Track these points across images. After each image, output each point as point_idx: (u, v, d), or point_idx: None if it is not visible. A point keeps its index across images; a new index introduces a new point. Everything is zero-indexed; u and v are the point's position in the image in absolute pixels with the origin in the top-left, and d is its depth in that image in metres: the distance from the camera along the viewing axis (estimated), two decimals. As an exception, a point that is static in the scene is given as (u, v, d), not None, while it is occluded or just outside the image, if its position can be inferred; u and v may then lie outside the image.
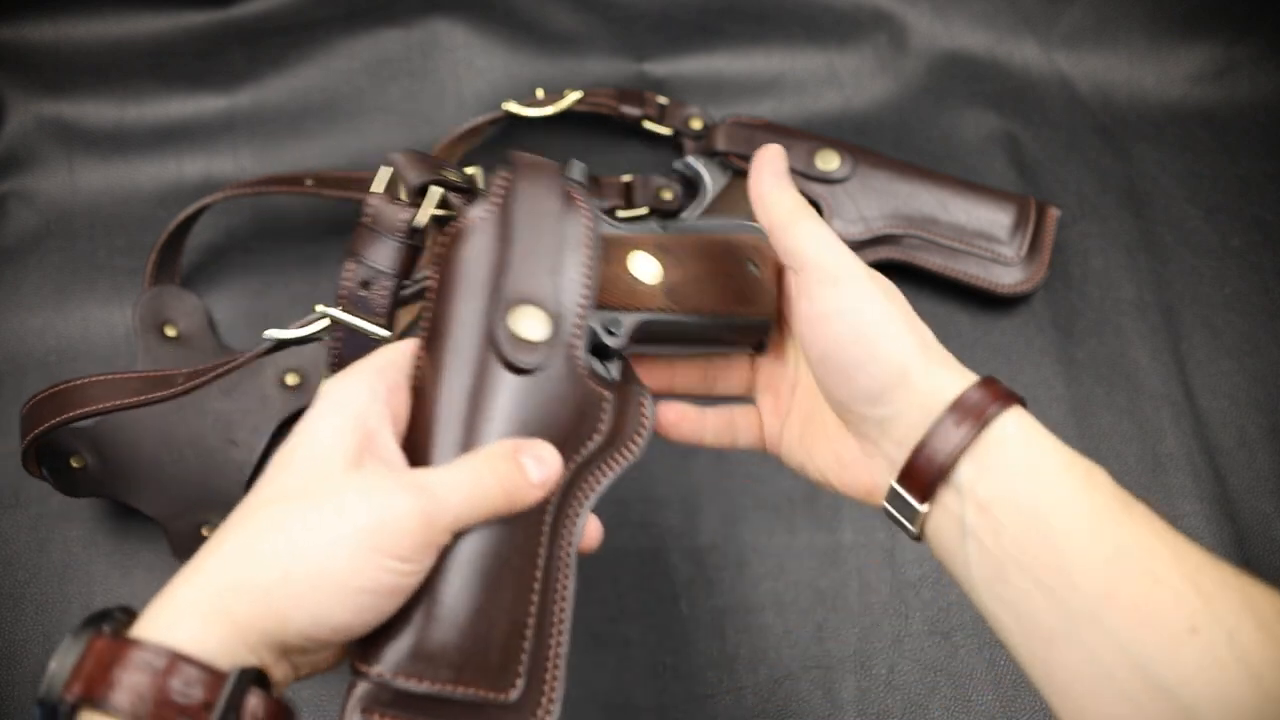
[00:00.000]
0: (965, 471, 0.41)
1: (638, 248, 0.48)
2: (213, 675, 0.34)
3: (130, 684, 0.34)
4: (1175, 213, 0.85)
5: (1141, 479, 0.74)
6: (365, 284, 0.50)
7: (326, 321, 0.52)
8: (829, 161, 0.80)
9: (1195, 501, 0.73)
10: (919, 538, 0.44)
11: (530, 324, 0.44)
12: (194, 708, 0.34)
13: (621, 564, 0.70)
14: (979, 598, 0.42)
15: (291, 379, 0.74)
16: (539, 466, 0.42)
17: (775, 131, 0.83)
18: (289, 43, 0.89)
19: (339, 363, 0.50)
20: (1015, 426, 0.41)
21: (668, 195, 0.84)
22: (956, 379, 0.43)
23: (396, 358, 0.44)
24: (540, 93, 0.86)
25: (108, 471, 0.65)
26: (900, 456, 0.43)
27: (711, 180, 0.82)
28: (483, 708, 0.40)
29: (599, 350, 0.47)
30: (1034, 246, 0.79)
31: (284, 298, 0.80)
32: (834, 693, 0.66)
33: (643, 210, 0.84)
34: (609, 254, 0.47)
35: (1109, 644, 0.37)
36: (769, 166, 0.46)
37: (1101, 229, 0.84)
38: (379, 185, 0.50)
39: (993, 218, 0.80)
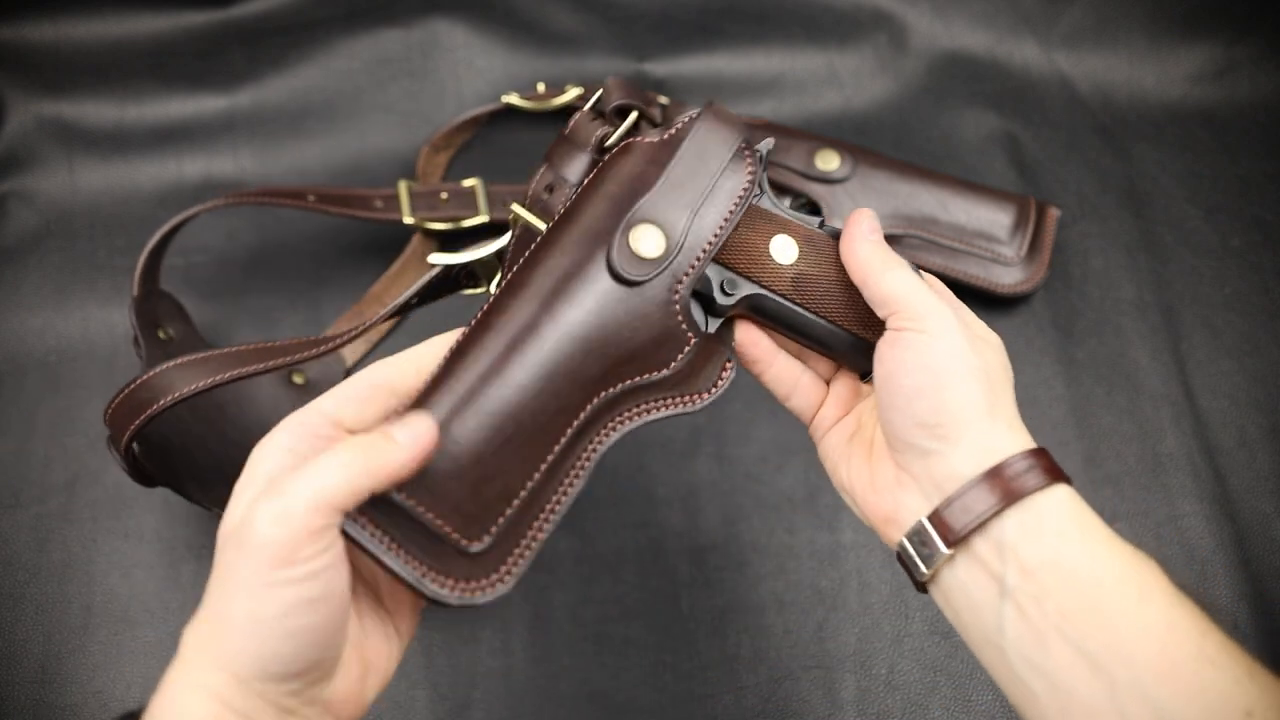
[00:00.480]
0: (1010, 530, 0.41)
1: (787, 231, 0.50)
2: None
3: None
4: (1175, 213, 0.85)
5: (1141, 479, 0.74)
6: (549, 188, 0.52)
7: (500, 244, 0.54)
8: (829, 161, 0.80)
9: (1195, 501, 0.73)
10: (924, 585, 0.44)
11: (648, 243, 0.47)
12: None
13: (621, 564, 0.70)
14: (1006, 662, 0.40)
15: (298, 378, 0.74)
16: (406, 430, 0.40)
17: (775, 131, 0.83)
18: (289, 43, 0.89)
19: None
20: (1066, 499, 0.41)
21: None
22: (1015, 441, 0.43)
23: (311, 417, 0.42)
24: (541, 86, 0.86)
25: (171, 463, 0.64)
26: (936, 497, 0.43)
27: (711, 180, 0.82)
28: (443, 546, 0.41)
29: (708, 302, 0.49)
30: (1034, 246, 0.79)
31: (284, 297, 0.80)
32: (834, 693, 0.66)
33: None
34: (756, 224, 0.50)
35: None
36: (863, 224, 0.48)
37: (1101, 229, 0.84)
38: (589, 103, 0.53)
39: (993, 218, 0.80)
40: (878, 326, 0.48)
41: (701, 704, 0.66)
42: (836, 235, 0.50)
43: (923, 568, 0.43)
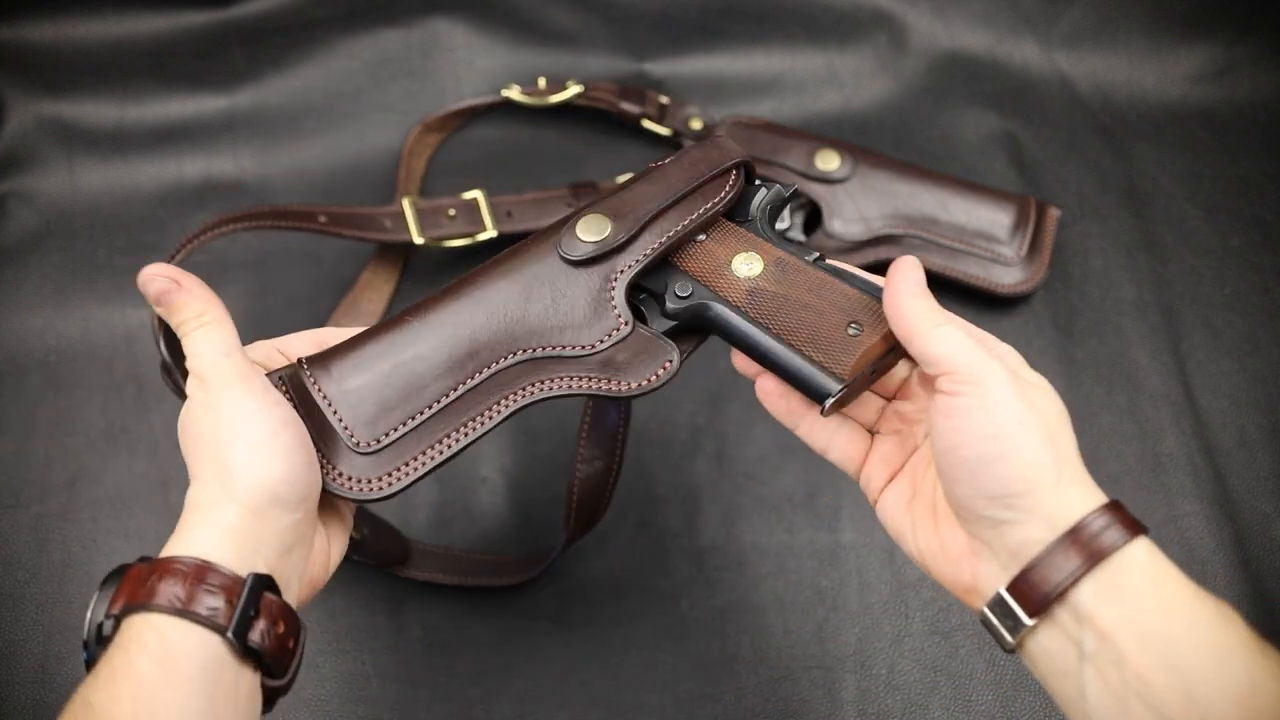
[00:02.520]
0: (1086, 595, 0.40)
1: (757, 251, 0.51)
2: (234, 578, 0.42)
3: (169, 588, 0.40)
4: (1175, 213, 0.85)
5: (1141, 479, 0.74)
6: None
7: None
8: (829, 161, 0.80)
9: (1195, 501, 0.73)
10: (1014, 650, 0.43)
11: (591, 229, 0.51)
12: (220, 605, 0.41)
13: (621, 564, 0.70)
14: None
15: None
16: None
17: (775, 131, 0.83)
18: (289, 43, 0.89)
19: None
20: (1144, 555, 0.40)
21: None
22: (1087, 498, 0.41)
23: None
24: (542, 81, 0.86)
25: None
26: (1014, 566, 0.42)
27: (711, 180, 0.82)
28: (336, 439, 0.48)
29: (661, 302, 0.52)
30: (1034, 246, 0.79)
31: (284, 297, 0.80)
32: (834, 693, 0.66)
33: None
34: (725, 239, 0.52)
35: None
36: (908, 276, 0.46)
37: (1101, 229, 0.84)
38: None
39: (993, 218, 0.80)
40: (832, 346, 0.47)
41: (701, 704, 0.66)
42: (836, 272, 0.50)
43: (1008, 637, 0.42)
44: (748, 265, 0.51)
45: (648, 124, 0.86)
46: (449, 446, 0.49)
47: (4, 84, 0.86)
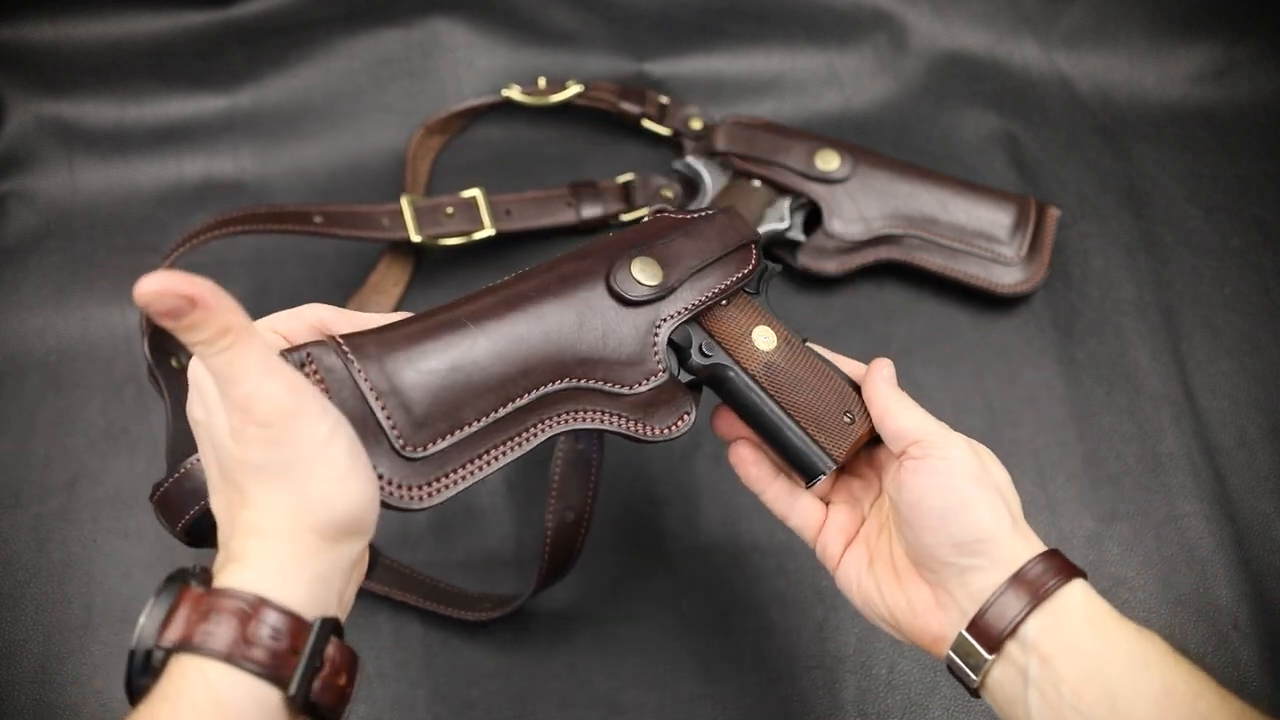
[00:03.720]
0: (1031, 627, 0.45)
1: (771, 326, 0.55)
2: (298, 623, 0.38)
3: (223, 630, 0.36)
4: (1175, 213, 0.85)
5: (1141, 479, 0.74)
6: None
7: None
8: (829, 161, 0.80)
9: (1195, 501, 0.73)
10: (977, 691, 0.48)
11: (646, 272, 0.52)
12: (283, 652, 0.37)
13: (622, 564, 0.70)
14: None
15: None
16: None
17: (775, 132, 0.83)
18: (289, 43, 0.89)
19: None
20: (1080, 593, 0.46)
21: (668, 195, 0.84)
22: (1030, 546, 0.47)
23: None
24: (542, 81, 0.86)
25: None
26: (971, 609, 0.47)
27: (711, 180, 0.82)
28: (378, 438, 0.44)
29: (684, 357, 0.54)
30: (1034, 246, 0.79)
31: (285, 297, 0.80)
32: (834, 693, 0.66)
33: (643, 211, 0.84)
34: (746, 310, 0.56)
35: None
36: (883, 372, 0.53)
37: (1101, 229, 0.84)
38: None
39: (993, 218, 0.80)
40: (833, 431, 0.53)
41: (701, 704, 0.66)
42: (823, 359, 0.56)
43: (973, 676, 0.47)
44: (765, 339, 0.55)
45: (648, 124, 0.86)
46: (489, 463, 0.47)
47: (4, 84, 0.86)
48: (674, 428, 0.52)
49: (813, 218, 0.81)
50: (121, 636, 0.67)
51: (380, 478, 0.44)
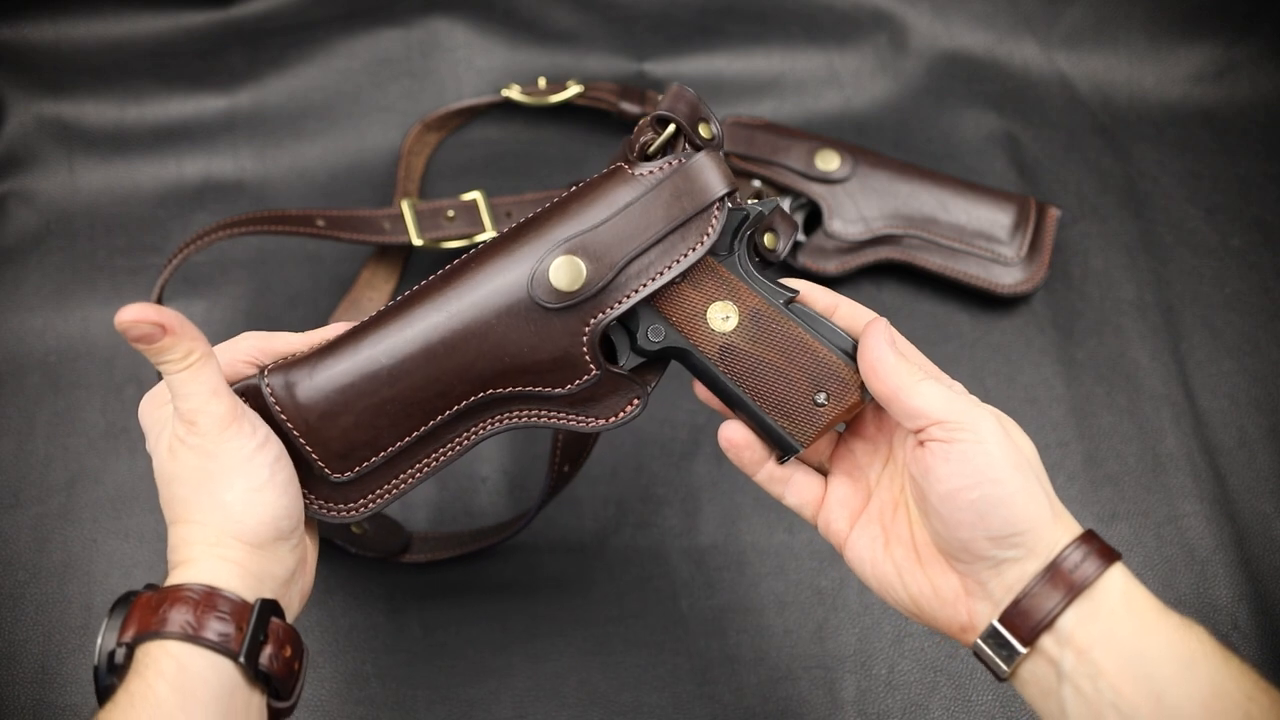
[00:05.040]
0: (1068, 619, 0.42)
1: (734, 299, 0.50)
2: (242, 604, 0.43)
3: (180, 615, 0.42)
4: (1175, 213, 0.85)
5: (1141, 479, 0.74)
6: None
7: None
8: (829, 161, 0.80)
9: (1195, 501, 0.73)
10: (1007, 678, 0.45)
11: (565, 275, 0.48)
12: (230, 631, 0.42)
13: (621, 564, 0.70)
14: None
15: None
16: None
17: (775, 132, 0.83)
18: (289, 43, 0.89)
19: None
20: (1119, 579, 0.43)
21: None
22: (1068, 530, 0.44)
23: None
24: (543, 81, 0.86)
25: None
26: (1006, 599, 0.44)
27: (711, 180, 0.82)
28: (311, 467, 0.49)
29: (631, 338, 0.50)
30: (1034, 246, 0.79)
31: (284, 297, 0.80)
32: (834, 692, 0.66)
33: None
34: (703, 283, 0.50)
35: None
36: (880, 338, 0.47)
37: (1101, 229, 0.84)
38: (660, 106, 0.51)
39: (993, 218, 0.80)
40: (797, 416, 0.49)
41: (701, 704, 0.66)
42: (809, 320, 0.50)
43: (1003, 666, 0.44)
44: (723, 318, 0.50)
45: (648, 124, 0.86)
46: (420, 473, 0.51)
47: (4, 84, 0.86)
48: (620, 415, 0.50)
49: (813, 218, 0.81)
50: (121, 636, 0.67)
51: (312, 497, 0.50)
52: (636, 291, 0.49)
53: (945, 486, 0.44)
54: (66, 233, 0.82)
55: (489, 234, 0.80)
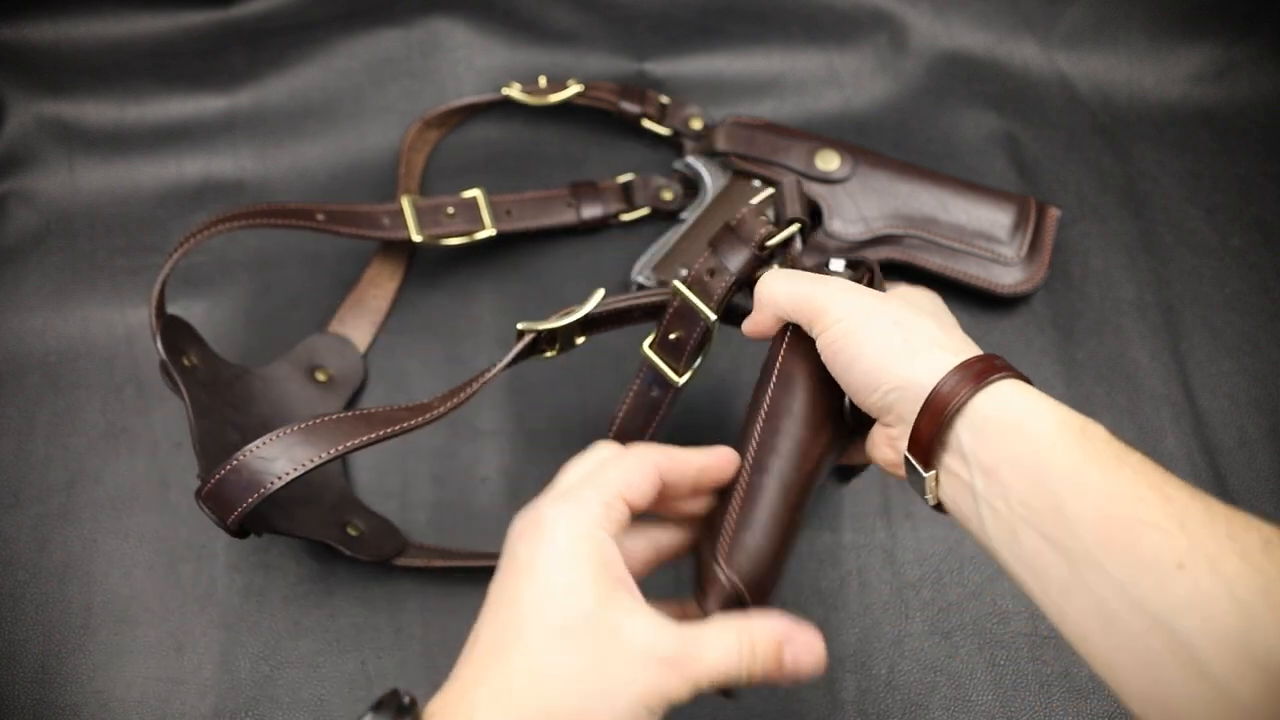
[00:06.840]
0: (965, 439, 0.44)
1: None
2: None
3: None
4: (1175, 213, 0.85)
5: (1141, 479, 0.74)
6: (711, 273, 0.59)
7: (583, 312, 0.59)
8: (829, 161, 0.80)
9: (1195, 501, 0.73)
10: (939, 507, 0.48)
11: None
12: None
13: (621, 564, 0.70)
14: (1000, 559, 0.44)
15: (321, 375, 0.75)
16: (795, 662, 0.48)
17: (775, 132, 0.83)
18: (289, 43, 0.89)
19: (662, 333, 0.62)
20: (1011, 395, 0.44)
21: (668, 195, 0.84)
22: (951, 357, 0.46)
23: (616, 476, 0.49)
24: (543, 80, 0.86)
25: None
26: (907, 434, 0.47)
27: (711, 180, 0.82)
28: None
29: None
30: (1034, 247, 0.79)
31: (286, 297, 0.80)
32: (834, 693, 0.66)
33: (643, 211, 0.84)
34: None
35: (1110, 586, 0.39)
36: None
37: (1101, 229, 0.84)
38: (757, 199, 0.56)
39: (993, 218, 0.80)
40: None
41: (701, 704, 0.66)
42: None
43: (928, 497, 0.47)
44: None
45: (648, 124, 0.86)
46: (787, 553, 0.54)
47: (4, 84, 0.86)
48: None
49: (813, 218, 0.81)
50: (121, 636, 0.67)
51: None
52: None
53: (836, 372, 0.50)
54: (66, 233, 0.82)
55: (488, 231, 0.80)
